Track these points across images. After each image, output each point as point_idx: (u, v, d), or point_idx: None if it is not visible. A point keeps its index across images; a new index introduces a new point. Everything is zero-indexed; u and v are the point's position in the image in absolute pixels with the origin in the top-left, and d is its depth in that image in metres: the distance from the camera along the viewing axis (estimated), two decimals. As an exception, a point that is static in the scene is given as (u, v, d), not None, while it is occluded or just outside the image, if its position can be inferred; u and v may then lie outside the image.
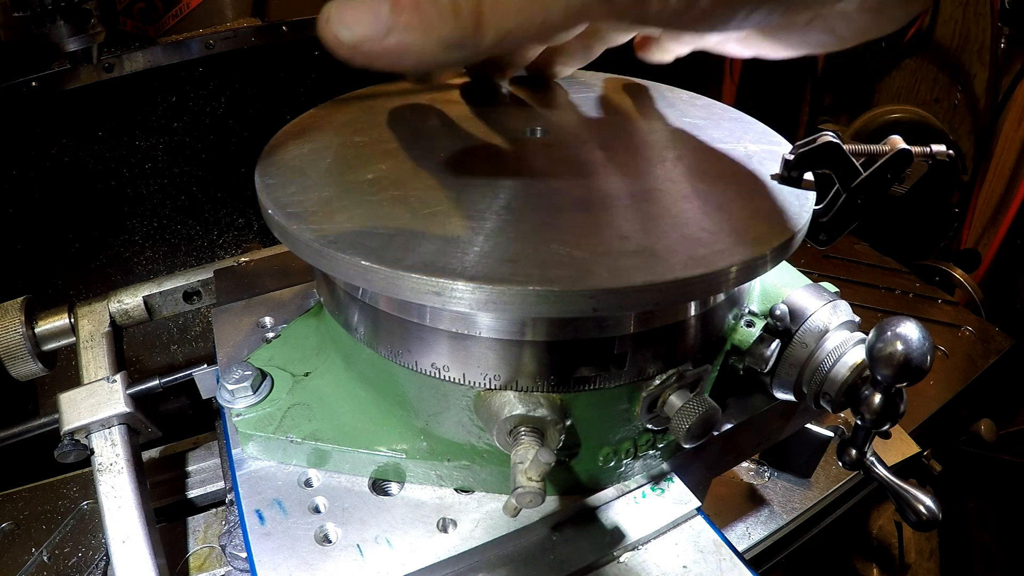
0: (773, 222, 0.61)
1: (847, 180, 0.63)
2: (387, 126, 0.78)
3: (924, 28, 1.87)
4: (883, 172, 0.62)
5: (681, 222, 0.59)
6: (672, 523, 0.66)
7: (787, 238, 0.59)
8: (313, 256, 0.58)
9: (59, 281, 1.39)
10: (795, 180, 0.65)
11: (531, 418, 0.58)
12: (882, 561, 1.23)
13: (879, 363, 0.57)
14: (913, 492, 0.62)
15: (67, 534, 0.97)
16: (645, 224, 0.59)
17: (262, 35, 1.37)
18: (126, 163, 1.37)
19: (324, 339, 0.77)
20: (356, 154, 0.71)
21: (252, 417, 0.69)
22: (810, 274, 0.73)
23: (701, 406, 0.60)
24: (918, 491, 0.62)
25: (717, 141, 0.75)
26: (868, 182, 0.63)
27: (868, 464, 0.64)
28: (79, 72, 1.22)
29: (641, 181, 0.66)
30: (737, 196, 0.64)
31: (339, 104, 0.85)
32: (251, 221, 1.55)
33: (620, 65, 0.95)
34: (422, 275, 0.52)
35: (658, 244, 0.56)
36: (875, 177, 0.63)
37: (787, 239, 0.59)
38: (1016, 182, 1.73)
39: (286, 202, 0.63)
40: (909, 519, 0.64)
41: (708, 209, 0.62)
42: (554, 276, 0.51)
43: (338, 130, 0.77)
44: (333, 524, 0.62)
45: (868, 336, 0.59)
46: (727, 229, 0.59)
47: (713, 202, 0.63)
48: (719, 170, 0.69)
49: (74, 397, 0.86)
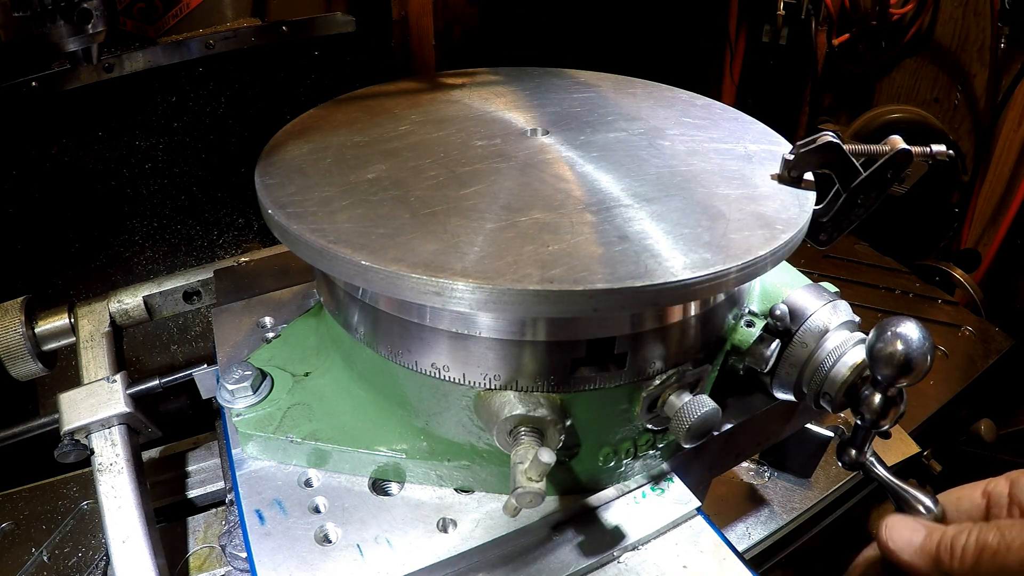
0: (773, 223, 0.61)
1: (847, 180, 0.64)
2: (387, 126, 0.78)
3: (924, 28, 1.87)
4: (883, 172, 0.63)
5: (681, 223, 0.59)
6: (672, 523, 0.66)
7: (786, 240, 0.59)
8: (313, 256, 0.58)
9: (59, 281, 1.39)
10: (795, 180, 0.66)
11: (531, 418, 0.58)
12: (882, 561, 1.23)
13: (879, 363, 0.57)
14: (913, 492, 0.62)
15: (67, 534, 0.97)
16: (645, 225, 0.59)
17: (262, 35, 1.37)
18: (126, 163, 1.37)
19: (324, 339, 0.77)
20: (356, 154, 0.71)
21: (252, 417, 0.69)
22: (810, 274, 0.73)
23: (701, 406, 0.60)
24: (918, 491, 0.62)
25: (717, 141, 0.75)
26: (868, 182, 0.63)
27: (868, 464, 0.64)
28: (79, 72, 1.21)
29: (641, 181, 0.66)
30: (737, 197, 0.64)
31: (339, 104, 0.85)
32: (251, 221, 1.55)
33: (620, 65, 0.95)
34: (422, 275, 0.52)
35: (658, 245, 0.56)
36: (875, 177, 0.63)
37: (786, 240, 0.59)
38: (1016, 182, 1.73)
39: (286, 202, 0.63)
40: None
41: (708, 210, 0.62)
42: (554, 276, 0.52)
43: (338, 130, 0.77)
44: (333, 524, 0.62)
45: (868, 336, 0.59)
46: (727, 230, 0.59)
47: (714, 203, 0.63)
48: (719, 170, 0.69)
49: (74, 397, 0.86)
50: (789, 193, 0.65)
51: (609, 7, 1.91)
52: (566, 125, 0.78)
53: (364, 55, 1.49)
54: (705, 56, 2.20)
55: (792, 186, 0.65)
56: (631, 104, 0.85)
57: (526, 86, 0.89)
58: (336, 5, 1.46)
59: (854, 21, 1.92)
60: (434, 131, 0.76)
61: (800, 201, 0.64)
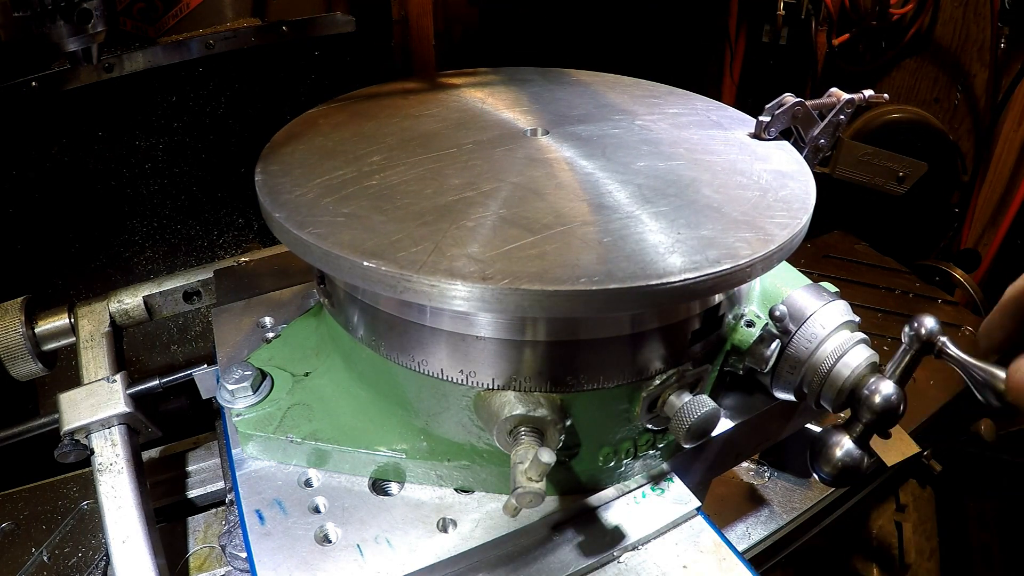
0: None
1: (809, 129, 0.78)
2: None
3: (924, 28, 1.87)
4: (836, 116, 0.78)
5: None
6: (672, 523, 0.66)
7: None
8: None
9: (59, 281, 1.39)
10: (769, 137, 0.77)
11: (531, 418, 0.58)
12: (882, 561, 1.23)
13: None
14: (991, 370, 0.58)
15: (67, 534, 0.97)
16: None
17: (262, 35, 1.37)
18: (126, 163, 1.37)
19: (324, 339, 0.77)
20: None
21: (252, 417, 0.69)
22: (810, 274, 0.73)
23: (701, 406, 0.60)
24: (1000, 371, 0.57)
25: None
26: (826, 127, 0.79)
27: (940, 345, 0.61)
28: (79, 72, 1.21)
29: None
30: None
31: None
32: (251, 221, 1.55)
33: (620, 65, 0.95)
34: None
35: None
36: (831, 122, 0.78)
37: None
38: (1016, 182, 1.73)
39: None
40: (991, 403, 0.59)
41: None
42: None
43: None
44: (333, 524, 0.62)
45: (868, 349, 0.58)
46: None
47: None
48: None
49: (74, 397, 0.86)
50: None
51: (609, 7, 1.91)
52: (566, 125, 0.78)
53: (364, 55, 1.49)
54: (705, 56, 2.20)
55: (766, 141, 0.76)
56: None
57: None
58: (336, 5, 1.46)
59: (854, 21, 1.92)
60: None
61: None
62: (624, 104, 0.85)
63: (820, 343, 0.66)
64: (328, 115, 0.82)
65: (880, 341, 1.38)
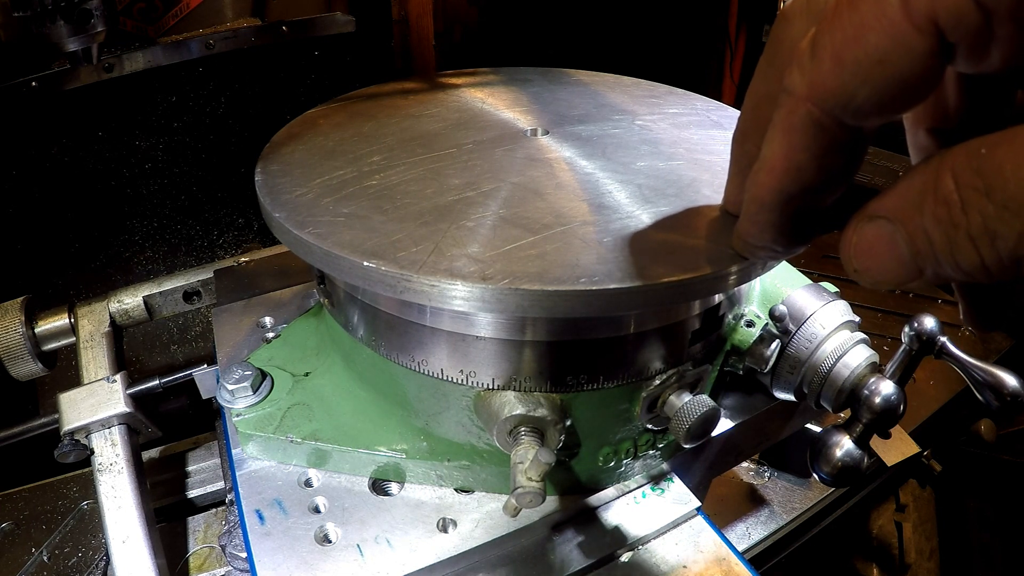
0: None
1: None
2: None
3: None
4: None
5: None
6: (672, 523, 0.66)
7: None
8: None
9: (59, 281, 1.39)
10: None
11: (531, 418, 0.58)
12: (882, 561, 1.23)
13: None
14: (992, 370, 0.57)
15: (67, 534, 0.97)
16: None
17: (262, 35, 1.37)
18: (126, 163, 1.37)
19: (324, 339, 0.77)
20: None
21: (252, 417, 0.69)
22: (810, 274, 0.73)
23: (701, 406, 0.60)
24: (999, 371, 0.57)
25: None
26: None
27: (940, 345, 0.60)
28: (79, 72, 1.22)
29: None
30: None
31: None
32: (251, 221, 1.55)
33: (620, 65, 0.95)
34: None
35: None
36: None
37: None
38: (1016, 182, 1.73)
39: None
40: (991, 403, 0.59)
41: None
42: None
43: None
44: (333, 524, 0.62)
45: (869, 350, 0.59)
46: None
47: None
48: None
49: (74, 397, 0.86)
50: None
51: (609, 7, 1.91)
52: (566, 125, 0.78)
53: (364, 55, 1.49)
54: (705, 56, 2.20)
55: None
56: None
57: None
58: (336, 5, 1.46)
59: (854, 21, 1.92)
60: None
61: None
62: (624, 104, 0.84)
63: (820, 343, 0.66)
64: (328, 115, 0.82)
65: (880, 341, 1.38)
